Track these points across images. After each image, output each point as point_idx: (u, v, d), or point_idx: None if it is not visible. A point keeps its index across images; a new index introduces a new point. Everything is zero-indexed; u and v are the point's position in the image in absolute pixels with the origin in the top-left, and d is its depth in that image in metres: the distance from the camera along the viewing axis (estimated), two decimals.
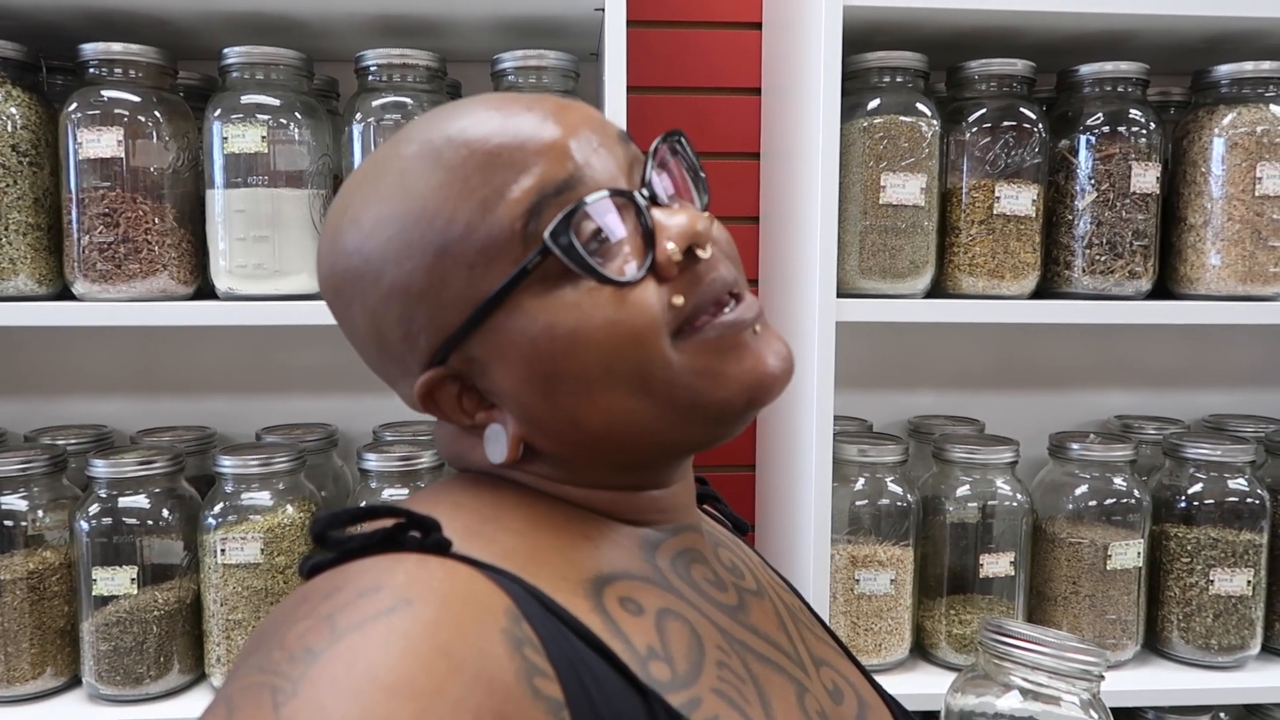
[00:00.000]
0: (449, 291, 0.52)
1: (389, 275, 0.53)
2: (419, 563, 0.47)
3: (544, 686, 0.45)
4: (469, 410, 0.57)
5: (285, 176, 1.10)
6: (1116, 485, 1.23)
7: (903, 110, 1.14)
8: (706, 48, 1.42)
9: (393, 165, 0.54)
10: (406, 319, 0.54)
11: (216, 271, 1.10)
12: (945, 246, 1.18)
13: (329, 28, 1.21)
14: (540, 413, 0.54)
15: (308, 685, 0.40)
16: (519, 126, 0.52)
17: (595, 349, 0.51)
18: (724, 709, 0.51)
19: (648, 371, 0.52)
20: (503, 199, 0.51)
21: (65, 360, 1.37)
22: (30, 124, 1.08)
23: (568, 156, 0.52)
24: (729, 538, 0.69)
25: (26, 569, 1.10)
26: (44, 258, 1.10)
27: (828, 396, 1.10)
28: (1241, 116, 1.16)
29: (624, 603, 0.53)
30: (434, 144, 0.53)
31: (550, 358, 0.52)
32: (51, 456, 1.13)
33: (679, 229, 0.52)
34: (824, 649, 0.65)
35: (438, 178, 0.52)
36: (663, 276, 0.52)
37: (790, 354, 0.56)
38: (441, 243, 0.52)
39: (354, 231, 0.54)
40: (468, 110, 0.54)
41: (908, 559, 1.20)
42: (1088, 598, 1.21)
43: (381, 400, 1.40)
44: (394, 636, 0.42)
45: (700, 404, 0.53)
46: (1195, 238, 1.19)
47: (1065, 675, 0.68)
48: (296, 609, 0.45)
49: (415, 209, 0.52)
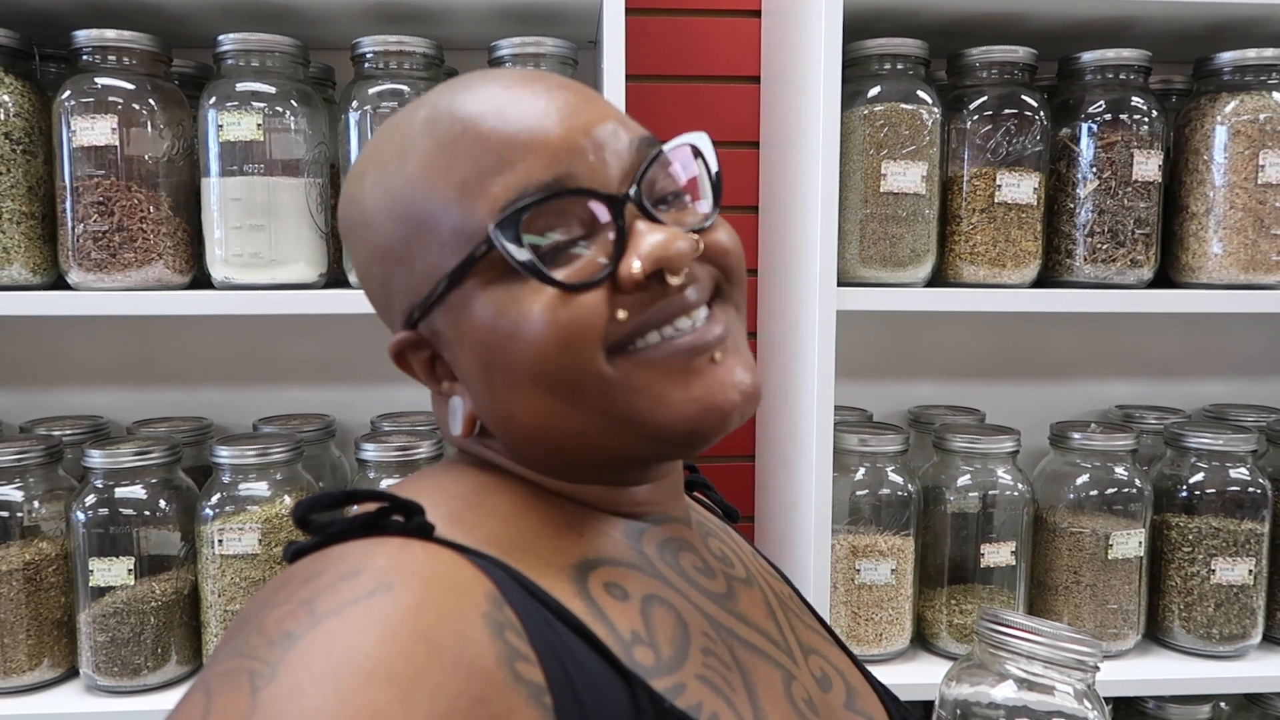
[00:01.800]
0: (420, 263, 0.53)
1: (375, 234, 0.55)
2: (400, 547, 0.47)
3: (525, 671, 0.44)
4: (439, 376, 0.57)
5: (281, 165, 1.09)
6: (1118, 474, 1.22)
7: (903, 98, 1.13)
8: (706, 36, 1.41)
9: (403, 126, 0.55)
10: (386, 278, 0.56)
11: (212, 260, 1.10)
12: (946, 235, 1.17)
13: (325, 15, 1.20)
14: (483, 399, 0.55)
15: (285, 670, 0.40)
16: (520, 115, 0.51)
17: (528, 346, 0.50)
18: (708, 695, 0.51)
19: (575, 379, 0.50)
20: (482, 188, 0.50)
21: (61, 351, 1.37)
22: (24, 112, 1.07)
23: (559, 158, 0.50)
24: (719, 526, 0.68)
25: (23, 560, 1.09)
26: (38, 247, 1.09)
27: (828, 386, 1.10)
28: (1244, 104, 1.15)
29: (609, 588, 0.52)
30: (438, 113, 0.53)
31: (490, 347, 0.52)
32: (47, 447, 1.13)
33: (650, 248, 0.50)
34: (813, 637, 0.64)
35: (429, 149, 0.52)
36: (620, 289, 0.50)
37: (755, 386, 0.53)
38: (420, 215, 0.52)
39: (360, 183, 0.56)
40: (480, 85, 0.53)
41: (908, 549, 1.20)
42: (1089, 587, 1.21)
43: (379, 391, 1.39)
44: (373, 621, 0.42)
45: (636, 420, 0.51)
46: (1197, 226, 1.18)
47: (1060, 665, 0.68)
48: (276, 594, 0.45)
49: (405, 176, 0.53)
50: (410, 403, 1.38)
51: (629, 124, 0.54)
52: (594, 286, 0.50)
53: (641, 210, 0.52)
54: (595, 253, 0.51)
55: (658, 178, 0.54)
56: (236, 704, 0.39)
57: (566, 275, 0.50)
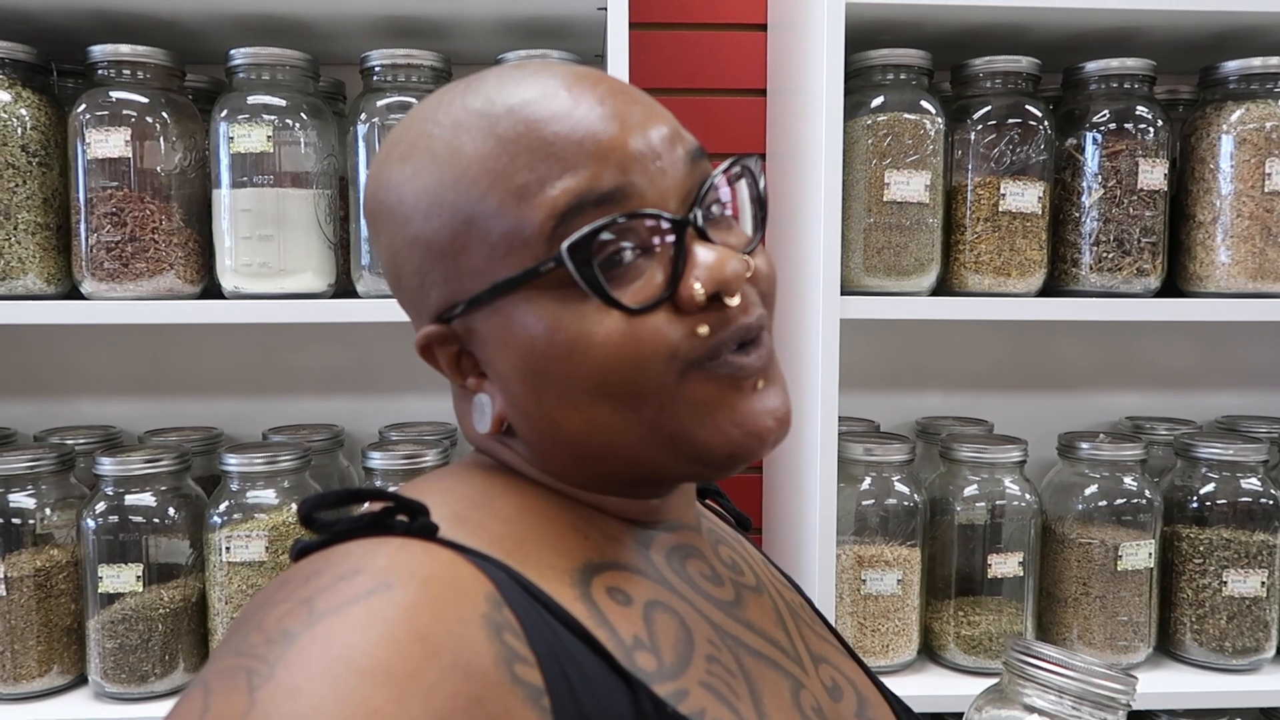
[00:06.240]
0: (467, 261, 0.51)
1: (415, 224, 0.53)
2: (401, 546, 0.47)
3: (523, 672, 0.44)
4: (465, 371, 0.56)
5: (291, 176, 1.11)
6: (1127, 485, 1.21)
7: (907, 107, 1.14)
8: (712, 49, 1.42)
9: (456, 114, 0.52)
10: (422, 270, 0.54)
11: (222, 270, 1.11)
12: (951, 244, 1.18)
13: (335, 30, 1.22)
14: (525, 404, 0.54)
15: (283, 668, 0.40)
16: (583, 119, 0.50)
17: (592, 362, 0.50)
18: (711, 702, 0.50)
19: (641, 392, 0.51)
20: (541, 192, 0.49)
21: (73, 361, 1.38)
22: (40, 125, 1.10)
23: (621, 166, 0.50)
24: (730, 534, 0.68)
25: (34, 566, 1.11)
26: (52, 257, 1.11)
27: (832, 395, 1.10)
28: (1250, 112, 1.15)
29: (611, 592, 0.52)
30: (495, 109, 0.51)
31: (545, 358, 0.51)
32: (60, 455, 1.14)
33: (711, 272, 0.50)
34: (824, 646, 0.64)
35: (487, 146, 0.51)
36: (681, 309, 0.51)
37: (789, 413, 0.54)
38: (471, 213, 0.51)
39: (399, 169, 0.54)
40: (540, 81, 0.52)
41: (915, 559, 1.19)
42: (1098, 599, 1.19)
43: (389, 401, 1.40)
44: (371, 620, 0.42)
45: (681, 436, 0.52)
46: (1204, 235, 1.18)
47: (1091, 701, 0.66)
48: (277, 592, 0.45)
49: (457, 170, 0.51)
50: (419, 413, 1.39)
51: (683, 132, 0.54)
52: (657, 307, 0.51)
53: (699, 233, 0.52)
54: (654, 270, 0.51)
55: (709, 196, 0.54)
56: (234, 702, 0.39)
57: (629, 295, 0.50)
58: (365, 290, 1.13)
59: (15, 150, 1.08)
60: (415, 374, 1.40)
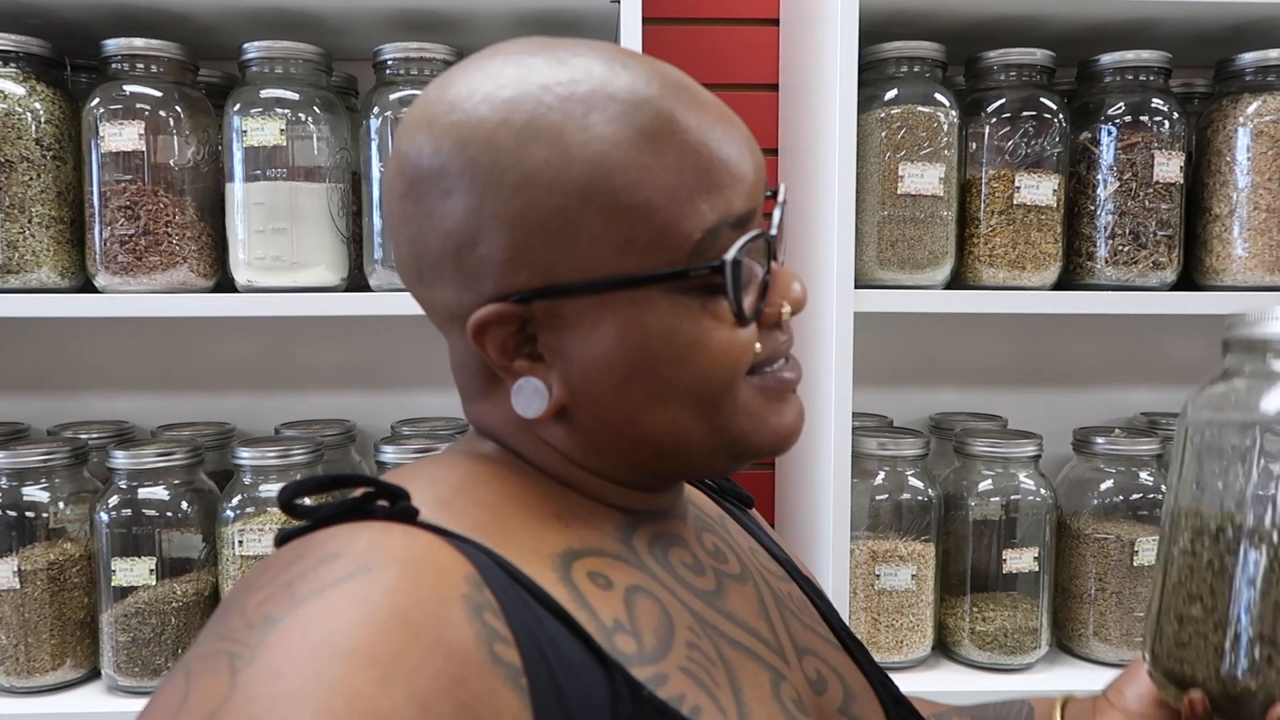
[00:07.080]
0: (582, 246, 0.50)
1: (526, 197, 0.49)
2: (381, 530, 0.47)
3: (503, 652, 0.44)
4: (509, 353, 0.53)
5: (304, 170, 1.11)
6: (1143, 480, 1.21)
7: (920, 100, 1.13)
8: (724, 44, 1.42)
9: (596, 91, 0.50)
10: (515, 246, 0.50)
11: (235, 264, 1.11)
12: (965, 237, 1.17)
13: (349, 24, 1.22)
14: (604, 395, 0.53)
15: (265, 652, 0.40)
16: (724, 139, 0.52)
17: (699, 366, 0.52)
18: (691, 688, 0.50)
19: (722, 399, 0.53)
20: (694, 202, 0.50)
21: (87, 355, 1.39)
22: (54, 119, 1.10)
23: (753, 192, 0.54)
24: (717, 520, 0.67)
25: (48, 560, 1.11)
26: (66, 251, 1.11)
27: (846, 388, 1.09)
28: (1266, 104, 1.14)
29: (592, 576, 0.52)
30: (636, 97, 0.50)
31: (654, 357, 0.51)
32: (73, 449, 1.14)
33: (796, 294, 0.55)
34: (811, 638, 0.63)
35: (631, 136, 0.49)
36: (761, 324, 0.55)
37: (803, 411, 0.60)
38: (606, 202, 0.49)
39: (507, 128, 0.49)
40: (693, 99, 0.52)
41: (929, 555, 1.18)
42: (1114, 595, 1.19)
43: (401, 396, 1.40)
44: (352, 603, 0.42)
45: (739, 439, 0.55)
46: (1220, 228, 1.17)
47: None
48: (259, 577, 0.46)
49: (594, 152, 0.49)
50: (431, 408, 1.39)
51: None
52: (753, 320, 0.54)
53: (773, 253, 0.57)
54: (755, 286, 0.55)
55: None
56: (216, 686, 0.39)
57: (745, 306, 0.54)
58: (378, 284, 1.13)
59: (29, 144, 1.08)
60: (428, 369, 1.40)
